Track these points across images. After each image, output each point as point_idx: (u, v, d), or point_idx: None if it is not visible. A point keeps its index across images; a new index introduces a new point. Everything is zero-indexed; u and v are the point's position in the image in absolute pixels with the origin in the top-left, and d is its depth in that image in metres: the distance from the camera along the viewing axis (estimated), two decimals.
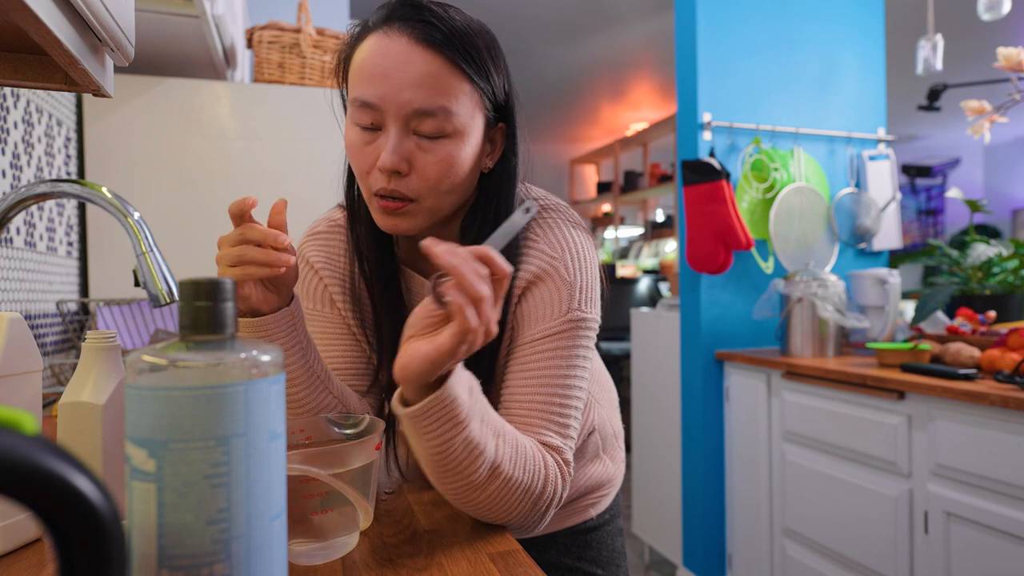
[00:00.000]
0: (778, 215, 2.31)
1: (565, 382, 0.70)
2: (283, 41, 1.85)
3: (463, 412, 0.58)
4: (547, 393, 0.69)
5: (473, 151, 0.69)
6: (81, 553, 0.28)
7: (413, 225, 0.70)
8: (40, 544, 0.61)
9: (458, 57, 0.65)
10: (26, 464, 0.26)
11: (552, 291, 0.71)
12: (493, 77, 0.69)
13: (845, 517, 1.78)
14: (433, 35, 0.64)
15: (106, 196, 0.81)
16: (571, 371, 0.71)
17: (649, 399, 2.67)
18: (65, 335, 1.47)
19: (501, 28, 3.99)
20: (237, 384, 0.37)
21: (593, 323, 0.73)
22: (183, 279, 0.39)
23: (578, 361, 0.71)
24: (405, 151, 0.66)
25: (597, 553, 0.93)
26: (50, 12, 0.57)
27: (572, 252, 0.73)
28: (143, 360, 0.37)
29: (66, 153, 1.56)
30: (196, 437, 0.36)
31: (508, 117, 0.73)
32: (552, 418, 0.69)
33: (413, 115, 0.65)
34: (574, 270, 0.72)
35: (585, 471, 0.91)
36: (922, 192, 7.27)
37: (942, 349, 1.74)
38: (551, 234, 0.74)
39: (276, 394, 0.40)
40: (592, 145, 7.07)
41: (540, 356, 0.70)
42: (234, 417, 0.37)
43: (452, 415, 0.58)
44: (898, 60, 3.67)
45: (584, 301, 0.72)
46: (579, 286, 0.72)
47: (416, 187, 0.67)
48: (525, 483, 0.64)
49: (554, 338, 0.70)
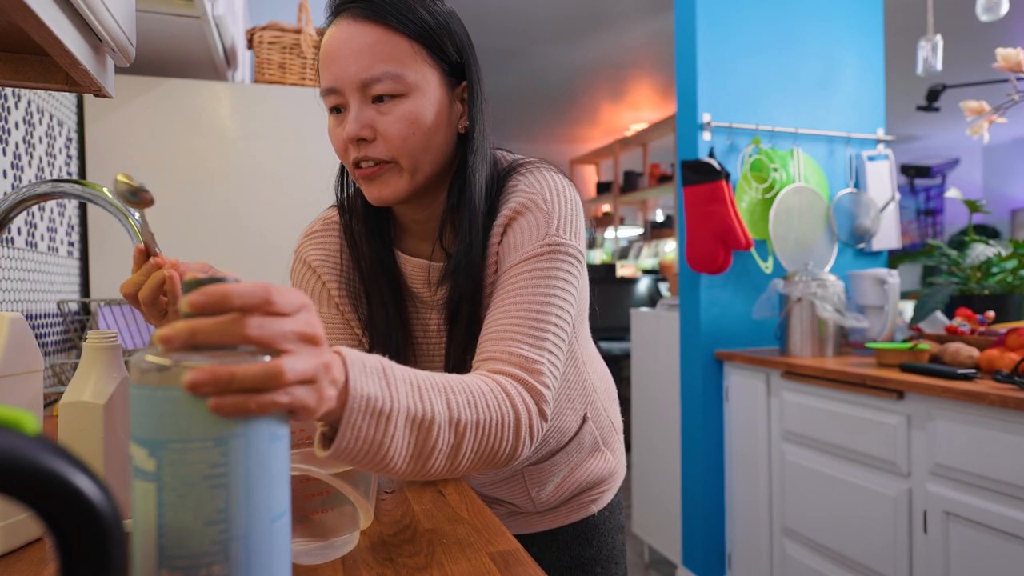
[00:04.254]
0: (777, 215, 2.31)
1: (544, 300, 0.69)
2: (284, 42, 1.86)
3: (383, 403, 0.51)
4: (524, 309, 0.68)
5: (433, 106, 0.71)
6: (82, 553, 0.28)
7: (396, 189, 0.72)
8: (41, 543, 0.61)
9: (396, 23, 0.69)
10: (27, 464, 0.26)
11: (531, 221, 0.73)
12: (438, 35, 0.71)
13: (844, 517, 1.78)
14: (369, 10, 0.69)
15: (107, 196, 0.82)
16: (550, 292, 0.69)
17: (649, 399, 2.67)
18: (66, 335, 1.47)
19: (501, 28, 3.99)
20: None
21: (574, 250, 0.73)
22: (187, 279, 0.39)
23: (557, 283, 0.70)
24: (366, 119, 0.69)
25: (597, 551, 0.94)
26: (51, 13, 0.57)
27: (550, 187, 0.75)
28: (146, 360, 0.37)
29: (67, 153, 1.56)
30: (194, 437, 0.36)
31: (468, 74, 0.75)
32: (526, 331, 0.67)
33: (364, 85, 0.69)
34: (552, 202, 0.73)
35: (586, 465, 0.91)
36: (921, 192, 7.27)
37: (941, 349, 1.74)
38: (531, 176, 0.76)
39: None
40: (592, 145, 7.08)
41: (519, 278, 0.70)
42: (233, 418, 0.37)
43: (374, 413, 0.50)
44: (897, 60, 3.67)
45: (562, 228, 0.72)
46: (558, 215, 0.73)
47: (384, 148, 0.70)
48: (502, 420, 0.60)
49: (532, 260, 0.71)
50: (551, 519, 0.92)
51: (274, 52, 1.85)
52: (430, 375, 0.57)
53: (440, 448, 0.55)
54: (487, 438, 0.59)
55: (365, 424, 0.49)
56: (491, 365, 0.66)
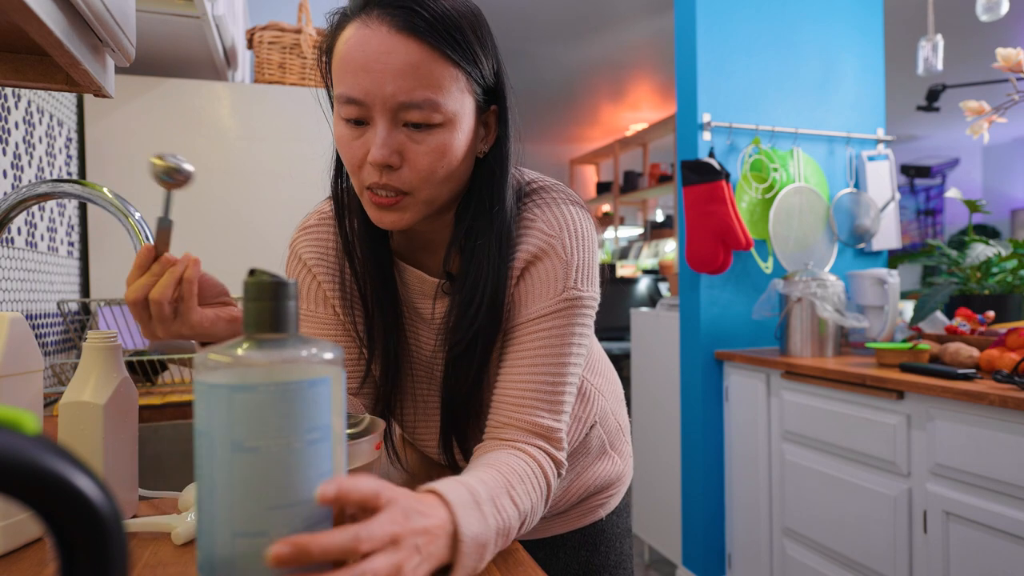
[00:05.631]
0: (777, 215, 2.31)
1: (560, 361, 0.69)
2: (284, 42, 1.86)
3: (484, 536, 0.55)
4: (541, 373, 0.69)
5: (466, 138, 0.67)
6: (82, 553, 0.28)
7: (408, 219, 0.67)
8: (41, 544, 0.61)
9: (442, 43, 0.62)
10: (27, 464, 0.26)
11: (549, 269, 0.70)
12: (481, 60, 0.66)
13: (844, 517, 1.78)
14: (415, 22, 0.61)
15: (107, 196, 0.82)
16: (566, 350, 0.70)
17: (649, 399, 2.67)
18: (66, 335, 1.47)
19: (501, 28, 3.99)
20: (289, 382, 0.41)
21: (591, 301, 0.72)
22: (249, 279, 0.42)
23: (574, 340, 0.71)
24: (395, 144, 0.63)
25: (606, 557, 0.92)
26: (51, 13, 0.57)
27: (570, 229, 0.71)
28: (209, 359, 0.40)
29: (67, 153, 1.56)
30: (276, 430, 0.40)
31: (499, 99, 0.71)
32: (544, 398, 0.68)
33: (400, 107, 0.62)
34: (571, 248, 0.71)
35: (593, 469, 0.89)
36: (921, 192, 7.27)
37: (941, 349, 1.74)
38: (548, 212, 0.72)
39: (320, 394, 0.42)
40: (592, 145, 7.08)
41: (535, 337, 0.70)
42: (308, 411, 0.41)
43: (479, 545, 0.55)
44: (897, 60, 3.67)
45: (581, 279, 0.71)
46: (576, 264, 0.70)
47: (409, 179, 0.65)
48: (542, 496, 0.66)
49: (550, 318, 0.70)
50: (559, 524, 0.90)
51: (274, 52, 1.85)
52: (491, 476, 0.60)
53: (510, 538, 0.61)
54: (534, 515, 0.65)
55: (472, 561, 0.54)
56: (514, 434, 0.69)
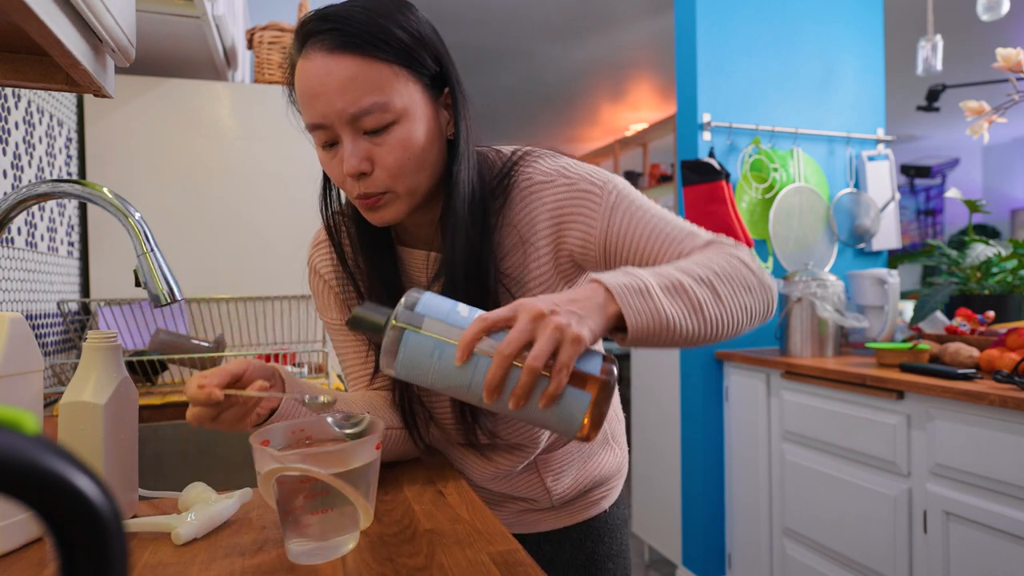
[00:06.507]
0: (777, 215, 2.31)
1: (661, 225, 0.73)
2: (284, 42, 1.86)
3: (638, 284, 0.60)
4: (664, 241, 0.72)
5: (425, 126, 0.71)
6: (82, 553, 0.28)
7: (398, 212, 0.73)
8: (41, 544, 0.61)
9: (372, 49, 0.66)
10: (27, 464, 0.26)
11: (582, 204, 0.74)
12: (415, 51, 0.69)
13: (844, 517, 1.78)
14: (341, 39, 0.66)
15: (107, 196, 0.82)
16: (655, 215, 0.73)
17: (649, 399, 2.67)
18: (66, 335, 1.47)
19: (501, 28, 3.99)
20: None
21: (618, 182, 0.75)
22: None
23: (650, 208, 0.74)
24: (361, 152, 0.69)
25: (608, 547, 0.96)
26: (51, 13, 0.57)
27: (562, 168, 0.76)
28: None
29: (67, 153, 1.56)
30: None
31: (448, 80, 0.74)
32: (679, 233, 0.72)
33: (353, 118, 0.67)
34: (576, 176, 0.75)
35: (598, 460, 0.93)
36: (921, 192, 7.27)
37: (941, 349, 1.74)
38: (537, 168, 0.77)
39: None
40: (592, 145, 7.07)
41: (633, 240, 0.73)
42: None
43: (635, 291, 0.60)
44: (897, 60, 3.67)
45: (595, 179, 0.74)
46: (583, 175, 0.75)
47: (384, 179, 0.70)
48: (722, 262, 0.67)
49: (621, 222, 0.72)
50: (566, 516, 0.93)
51: (274, 52, 1.85)
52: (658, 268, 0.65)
53: (704, 300, 0.63)
54: (730, 276, 0.66)
55: (636, 301, 0.59)
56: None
